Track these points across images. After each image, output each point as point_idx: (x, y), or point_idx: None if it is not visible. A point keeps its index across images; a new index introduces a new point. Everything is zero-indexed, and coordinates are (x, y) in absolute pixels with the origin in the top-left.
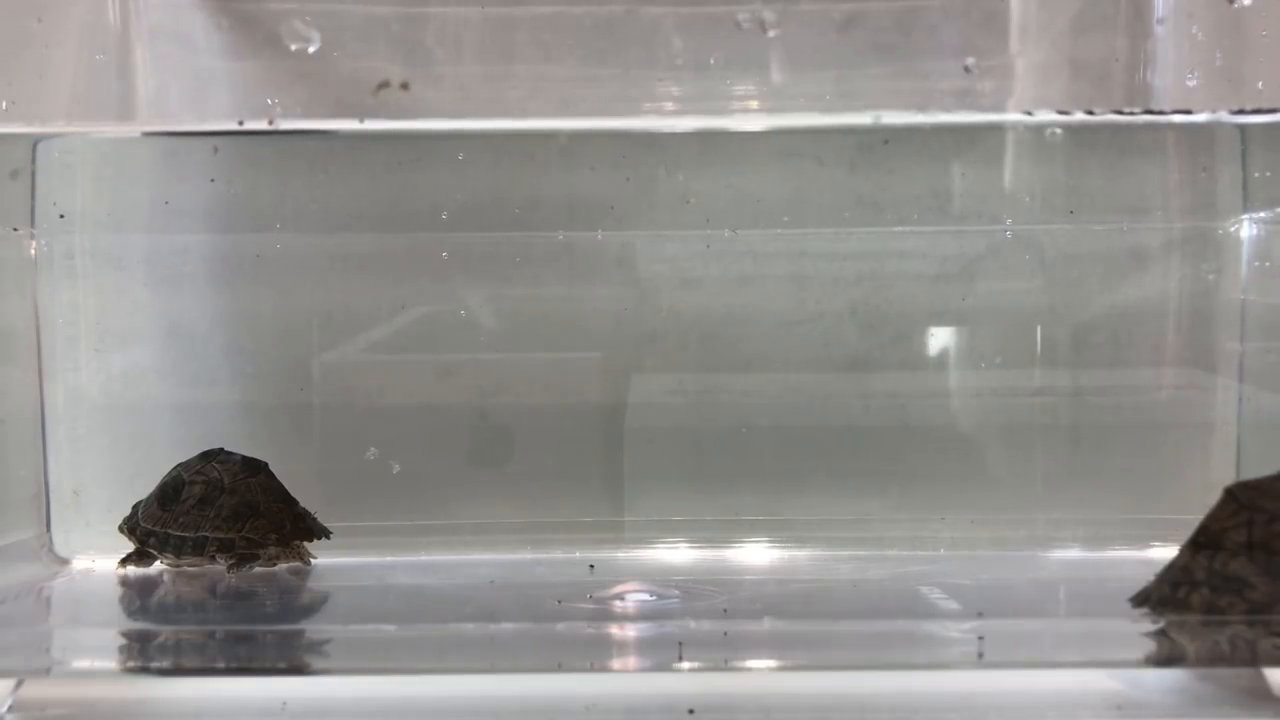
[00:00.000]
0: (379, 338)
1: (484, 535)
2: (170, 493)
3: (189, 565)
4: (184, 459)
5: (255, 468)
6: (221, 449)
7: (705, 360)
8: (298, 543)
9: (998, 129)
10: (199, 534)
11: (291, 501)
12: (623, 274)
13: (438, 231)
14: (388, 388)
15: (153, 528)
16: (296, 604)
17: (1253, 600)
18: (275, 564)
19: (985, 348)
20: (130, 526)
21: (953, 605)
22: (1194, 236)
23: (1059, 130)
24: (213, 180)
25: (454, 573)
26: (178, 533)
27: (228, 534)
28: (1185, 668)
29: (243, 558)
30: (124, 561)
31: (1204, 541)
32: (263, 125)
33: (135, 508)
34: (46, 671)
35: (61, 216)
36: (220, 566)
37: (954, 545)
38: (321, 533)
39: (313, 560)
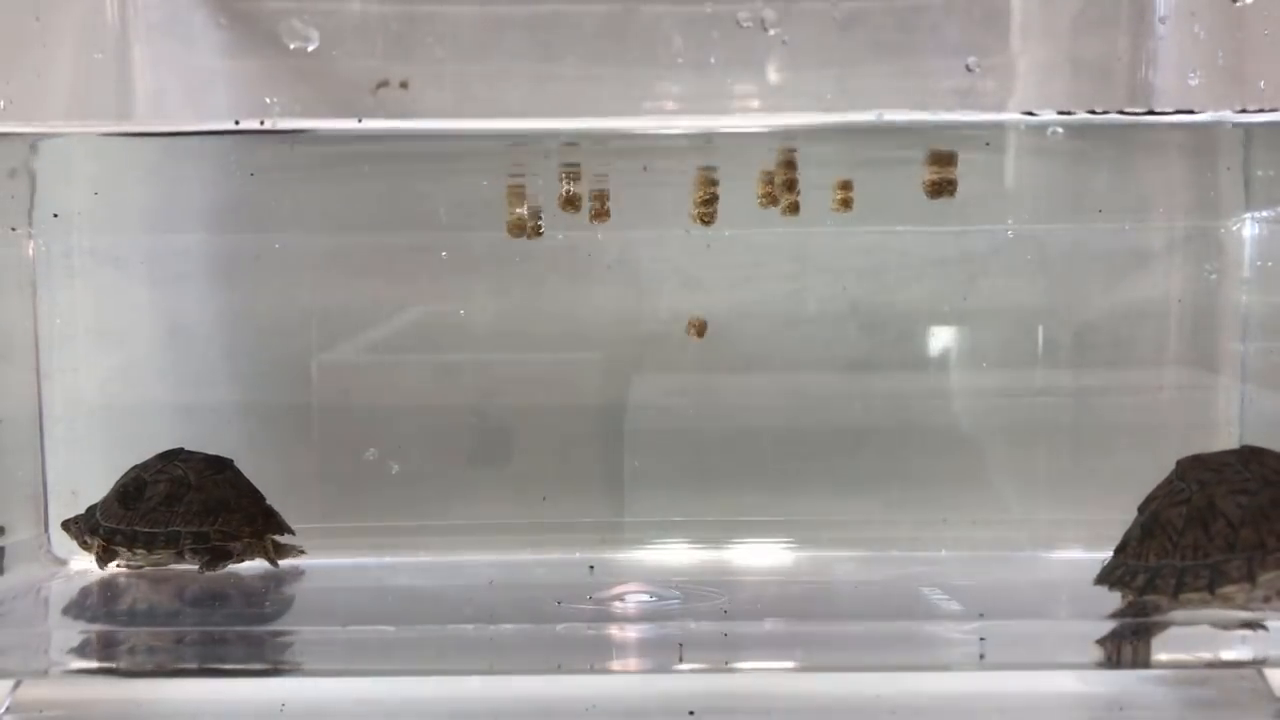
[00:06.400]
0: (378, 338)
1: (484, 535)
2: (132, 491)
3: (156, 562)
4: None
5: (220, 465)
6: (181, 449)
7: (705, 360)
8: (269, 538)
9: (998, 128)
10: (169, 529)
11: (260, 497)
12: (623, 274)
13: (438, 231)
14: (387, 388)
15: (117, 525)
16: (295, 605)
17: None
18: (244, 560)
19: (987, 348)
20: (90, 526)
21: (954, 606)
22: (1196, 236)
23: (1060, 130)
24: (252, 174)
25: (453, 573)
26: (146, 529)
27: (200, 528)
28: (1188, 669)
29: (215, 552)
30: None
31: (1141, 506)
32: (257, 124)
33: (91, 509)
34: (44, 672)
35: (55, 216)
36: (186, 565)
37: (955, 546)
38: (286, 529)
39: (280, 563)
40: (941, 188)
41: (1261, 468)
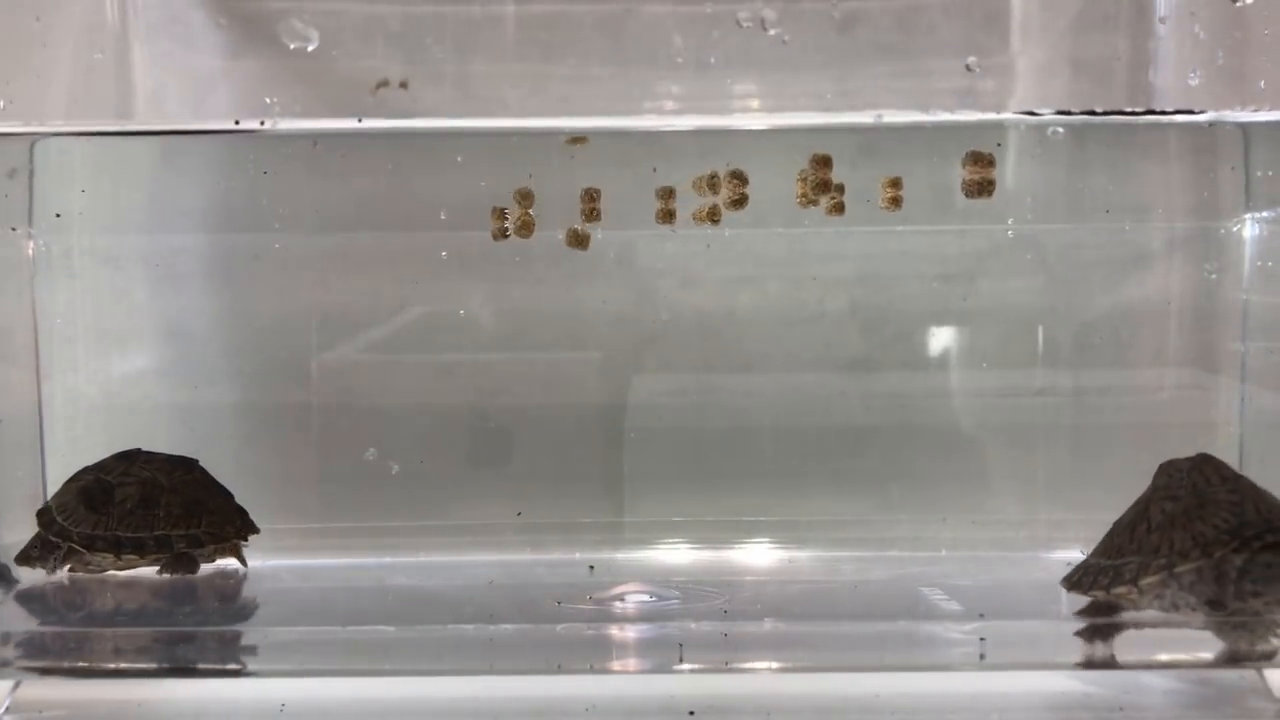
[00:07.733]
0: (378, 338)
1: (483, 536)
2: (98, 495)
3: (130, 565)
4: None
5: (188, 465)
6: (139, 449)
7: (705, 360)
8: (239, 541)
9: (998, 128)
10: (156, 533)
11: (230, 496)
12: (623, 274)
13: (437, 231)
14: (387, 388)
15: (93, 531)
16: (295, 606)
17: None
18: (213, 560)
19: (987, 348)
20: (59, 533)
21: (954, 606)
22: (1196, 236)
23: (1060, 130)
24: (266, 172)
25: (453, 574)
26: (130, 533)
27: (189, 530)
28: (1186, 669)
29: (180, 558)
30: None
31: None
32: (257, 125)
33: (45, 520)
34: (44, 672)
35: (58, 216)
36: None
37: (955, 546)
38: (256, 529)
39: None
40: (981, 188)
41: (1200, 477)
